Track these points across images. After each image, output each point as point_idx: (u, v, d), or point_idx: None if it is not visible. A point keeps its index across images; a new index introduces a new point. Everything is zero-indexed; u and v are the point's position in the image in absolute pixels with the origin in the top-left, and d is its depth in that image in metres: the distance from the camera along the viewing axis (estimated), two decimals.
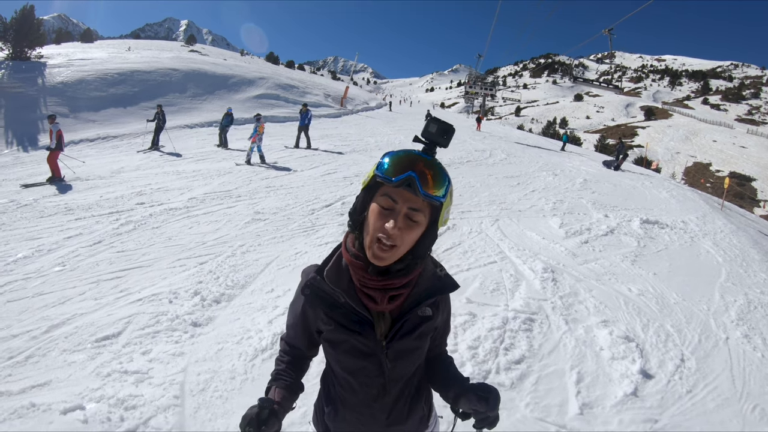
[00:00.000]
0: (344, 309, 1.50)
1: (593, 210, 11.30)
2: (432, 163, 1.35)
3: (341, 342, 1.53)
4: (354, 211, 1.47)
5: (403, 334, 1.50)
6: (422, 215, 1.35)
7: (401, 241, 1.33)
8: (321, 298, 1.53)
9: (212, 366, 4.21)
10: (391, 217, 1.31)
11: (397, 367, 1.55)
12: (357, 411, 1.60)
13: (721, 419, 4.16)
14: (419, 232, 1.38)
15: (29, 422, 3.36)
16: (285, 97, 31.55)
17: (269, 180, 12.05)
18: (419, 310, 1.52)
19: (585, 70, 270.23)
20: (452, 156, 17.78)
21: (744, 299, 6.82)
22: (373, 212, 1.36)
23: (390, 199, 1.33)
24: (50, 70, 23.13)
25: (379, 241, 1.33)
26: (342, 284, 1.49)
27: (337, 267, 1.53)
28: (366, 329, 1.48)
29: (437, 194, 1.32)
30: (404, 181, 1.30)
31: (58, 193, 10.20)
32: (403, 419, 1.63)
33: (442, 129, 1.39)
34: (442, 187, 1.34)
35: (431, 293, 1.53)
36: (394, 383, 1.57)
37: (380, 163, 1.37)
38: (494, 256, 7.34)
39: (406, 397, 1.63)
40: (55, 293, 5.49)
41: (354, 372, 1.56)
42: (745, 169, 72.97)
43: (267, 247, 7.29)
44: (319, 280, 1.53)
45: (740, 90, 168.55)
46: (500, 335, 5.01)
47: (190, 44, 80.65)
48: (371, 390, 1.56)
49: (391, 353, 1.51)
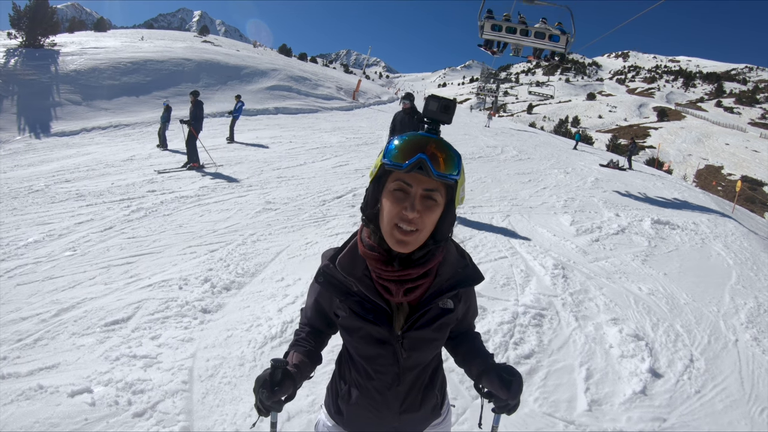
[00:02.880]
0: (358, 297, 1.48)
1: (604, 209, 11.24)
2: (440, 142, 1.33)
3: (356, 329, 1.51)
4: (366, 205, 1.44)
5: (421, 325, 1.48)
6: (439, 194, 1.33)
7: (422, 224, 1.31)
8: (334, 285, 1.51)
9: (221, 352, 4.21)
10: (408, 202, 1.29)
11: (412, 357, 1.52)
12: (370, 397, 1.59)
13: (729, 420, 4.12)
14: (438, 213, 1.35)
15: (37, 404, 3.37)
16: (297, 89, 31.54)
17: (281, 170, 12.05)
18: (440, 301, 1.49)
19: (599, 68, 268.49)
20: (464, 152, 17.54)
21: (754, 302, 6.76)
22: (387, 200, 1.34)
23: (403, 183, 1.31)
24: (63, 58, 23.23)
25: (399, 227, 1.30)
26: (356, 273, 1.48)
27: (352, 255, 1.51)
28: (380, 318, 1.46)
29: (451, 173, 1.30)
30: (415, 165, 1.27)
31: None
32: (416, 408, 1.62)
33: (443, 105, 1.37)
34: (455, 164, 1.32)
35: (454, 285, 1.50)
36: (409, 372, 1.55)
37: (387, 150, 1.34)
38: (505, 251, 7.32)
39: (420, 386, 1.61)
40: (66, 277, 5.52)
41: (369, 359, 1.55)
42: (757, 174, 72.27)
43: (278, 237, 7.29)
44: (332, 268, 1.51)
45: (754, 93, 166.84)
46: (510, 330, 4.99)
47: (203, 35, 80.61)
48: (385, 377, 1.55)
49: (407, 343, 1.49)
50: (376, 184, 1.41)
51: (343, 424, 1.70)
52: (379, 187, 1.40)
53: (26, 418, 3.22)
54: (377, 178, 1.40)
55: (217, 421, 3.37)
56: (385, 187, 1.36)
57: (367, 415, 1.62)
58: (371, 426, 1.64)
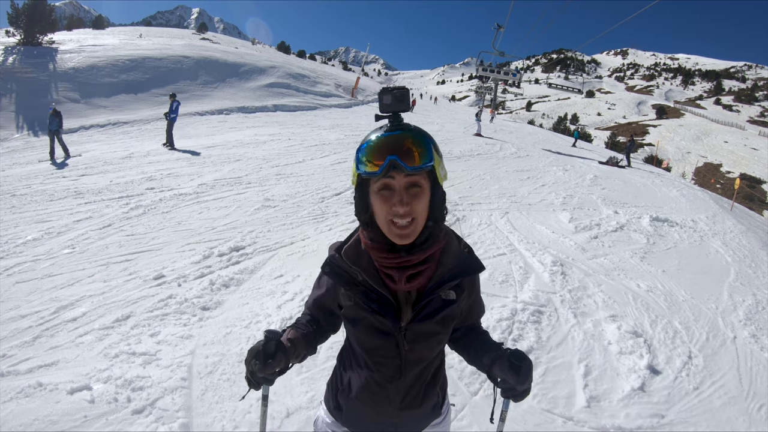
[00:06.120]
0: (363, 287, 1.49)
1: (603, 206, 11.23)
2: (405, 135, 1.32)
3: (360, 319, 1.52)
4: (358, 212, 1.46)
5: (424, 316, 1.48)
6: (422, 179, 1.34)
7: (415, 213, 1.32)
8: (339, 275, 1.52)
9: (220, 349, 4.21)
10: (395, 197, 1.31)
11: (414, 350, 1.52)
12: (371, 391, 1.59)
13: (727, 417, 4.13)
14: (427, 197, 1.36)
15: (36, 401, 3.37)
16: (296, 87, 31.48)
17: (279, 168, 12.04)
18: (442, 293, 1.49)
19: (597, 66, 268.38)
20: (462, 149, 17.76)
21: (752, 299, 6.76)
22: (376, 201, 1.35)
23: (385, 181, 1.32)
24: (62, 55, 23.22)
25: (395, 223, 1.32)
26: (361, 263, 1.49)
27: (357, 246, 1.53)
28: (384, 308, 1.47)
29: (424, 162, 1.31)
30: (388, 168, 1.29)
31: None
32: (417, 404, 1.61)
33: (396, 97, 1.36)
34: (426, 151, 1.32)
35: (455, 275, 1.50)
36: (411, 366, 1.55)
37: (357, 160, 1.36)
38: (503, 248, 7.31)
39: (422, 383, 1.61)
40: (64, 275, 5.52)
41: (371, 350, 1.55)
42: (756, 171, 72.43)
43: (276, 234, 7.29)
44: (338, 258, 1.53)
45: (753, 91, 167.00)
46: (509, 326, 4.99)
47: (202, 32, 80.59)
48: (387, 370, 1.55)
49: (410, 335, 1.49)
50: (360, 191, 1.43)
51: (342, 419, 1.70)
52: (363, 192, 1.42)
53: (25, 415, 3.22)
54: (359, 186, 1.42)
55: (216, 417, 3.37)
56: (370, 190, 1.38)
57: (367, 410, 1.62)
58: (370, 421, 1.64)
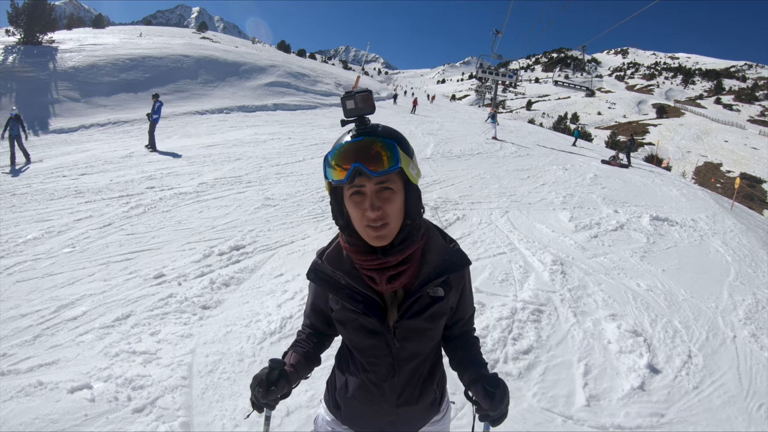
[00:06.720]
0: (348, 290, 1.50)
1: (603, 205, 11.23)
2: (370, 140, 1.32)
3: (349, 321, 1.53)
4: (335, 217, 1.47)
5: (412, 314, 1.48)
6: (392, 182, 1.33)
7: (388, 216, 1.32)
8: (324, 280, 1.54)
9: (220, 348, 4.22)
10: (367, 202, 1.31)
11: (406, 347, 1.53)
12: (367, 389, 1.60)
13: (727, 416, 4.13)
14: (400, 199, 1.36)
15: (36, 400, 3.38)
16: (296, 86, 31.53)
17: (279, 167, 12.05)
18: (430, 290, 1.50)
19: (598, 65, 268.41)
20: (462, 148, 17.76)
21: (752, 299, 6.76)
22: (350, 206, 1.36)
23: (355, 188, 1.32)
24: (62, 54, 23.23)
25: (370, 226, 1.32)
26: (344, 266, 1.50)
27: (338, 250, 1.54)
28: (370, 309, 1.48)
29: (391, 166, 1.30)
30: (354, 175, 1.29)
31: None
32: (413, 401, 1.61)
33: (359, 100, 1.36)
34: (392, 155, 1.31)
35: (441, 272, 1.51)
36: (405, 363, 1.55)
37: (325, 170, 1.37)
38: (503, 247, 7.31)
39: (418, 379, 1.61)
40: (65, 274, 5.53)
41: (363, 350, 1.56)
42: (756, 171, 72.35)
43: (277, 232, 7.30)
44: (321, 264, 1.55)
45: (753, 90, 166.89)
46: (509, 325, 4.99)
47: (202, 31, 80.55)
48: (380, 369, 1.55)
49: (400, 333, 1.50)
50: (334, 196, 1.44)
51: (341, 418, 1.71)
52: (338, 197, 1.43)
53: (26, 414, 3.23)
54: (333, 191, 1.43)
55: (217, 416, 3.38)
56: (343, 195, 1.38)
57: (365, 408, 1.63)
58: (369, 419, 1.65)
